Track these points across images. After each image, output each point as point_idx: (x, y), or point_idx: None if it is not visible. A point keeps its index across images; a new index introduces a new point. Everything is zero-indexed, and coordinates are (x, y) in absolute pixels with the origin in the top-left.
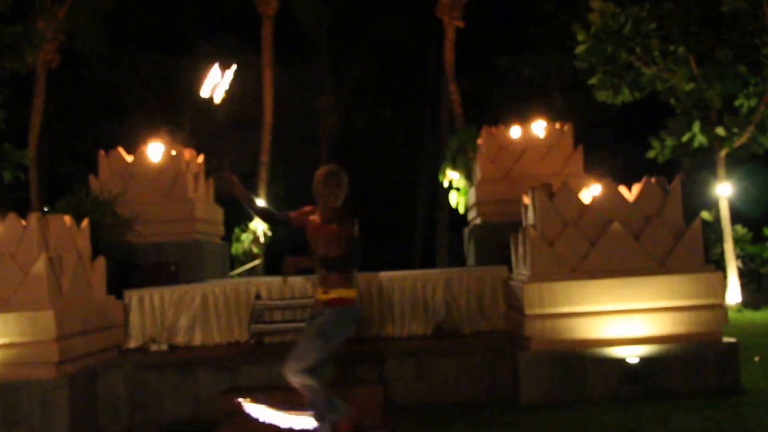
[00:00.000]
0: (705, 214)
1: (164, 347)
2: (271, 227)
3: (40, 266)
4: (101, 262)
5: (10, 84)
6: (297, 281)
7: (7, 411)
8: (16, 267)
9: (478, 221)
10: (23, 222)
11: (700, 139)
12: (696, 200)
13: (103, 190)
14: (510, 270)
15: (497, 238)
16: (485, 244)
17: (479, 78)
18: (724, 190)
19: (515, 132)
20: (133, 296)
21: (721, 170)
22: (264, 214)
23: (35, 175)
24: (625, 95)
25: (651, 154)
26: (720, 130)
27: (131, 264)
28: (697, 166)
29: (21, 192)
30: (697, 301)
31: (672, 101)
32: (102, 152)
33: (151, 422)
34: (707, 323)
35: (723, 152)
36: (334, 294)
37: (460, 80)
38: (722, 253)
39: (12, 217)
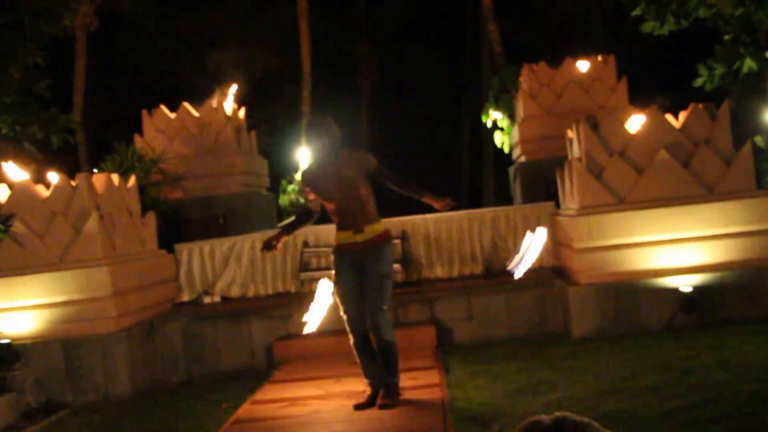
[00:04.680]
0: (758, 139)
1: (217, 299)
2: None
3: (92, 224)
4: (151, 217)
5: (50, 49)
6: None
7: (71, 366)
8: (68, 226)
9: (522, 159)
10: (72, 182)
11: (750, 65)
12: (747, 128)
13: (148, 149)
14: (557, 206)
15: (543, 174)
16: (531, 181)
17: (518, 16)
18: None
19: (557, 68)
20: (183, 250)
21: None
22: (300, 223)
23: (82, 138)
24: (671, 24)
25: (698, 82)
26: None
27: (180, 219)
28: (747, 93)
29: (70, 156)
30: (751, 227)
31: (720, 25)
32: (145, 111)
33: (208, 372)
34: (762, 249)
35: None
36: (371, 232)
37: (499, 19)
38: None
39: (62, 177)
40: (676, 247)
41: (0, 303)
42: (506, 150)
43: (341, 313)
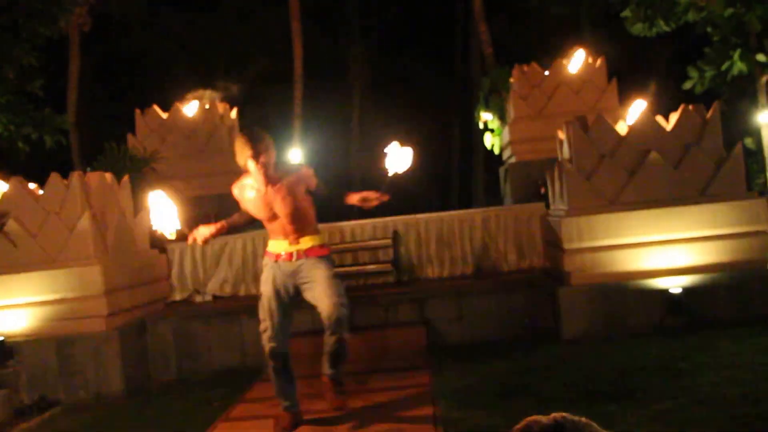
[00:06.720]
0: (748, 141)
1: (209, 298)
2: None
3: (84, 223)
4: (143, 217)
5: (45, 49)
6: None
7: (63, 363)
8: (61, 225)
9: (513, 160)
10: (65, 181)
11: (740, 67)
12: (737, 131)
13: (141, 148)
14: (547, 206)
15: (533, 175)
16: (521, 182)
17: (508, 17)
18: (765, 118)
19: (547, 69)
20: (175, 249)
21: (762, 98)
22: (242, 226)
23: (76, 138)
24: (660, 26)
25: (688, 84)
26: (761, 56)
27: None
28: (737, 95)
29: (63, 156)
30: (741, 228)
31: (709, 29)
32: (138, 111)
33: (199, 370)
34: (752, 251)
35: (764, 79)
36: (307, 243)
37: (489, 20)
38: (765, 183)
39: (54, 176)
40: (666, 249)
41: None
42: (496, 151)
43: (261, 328)
